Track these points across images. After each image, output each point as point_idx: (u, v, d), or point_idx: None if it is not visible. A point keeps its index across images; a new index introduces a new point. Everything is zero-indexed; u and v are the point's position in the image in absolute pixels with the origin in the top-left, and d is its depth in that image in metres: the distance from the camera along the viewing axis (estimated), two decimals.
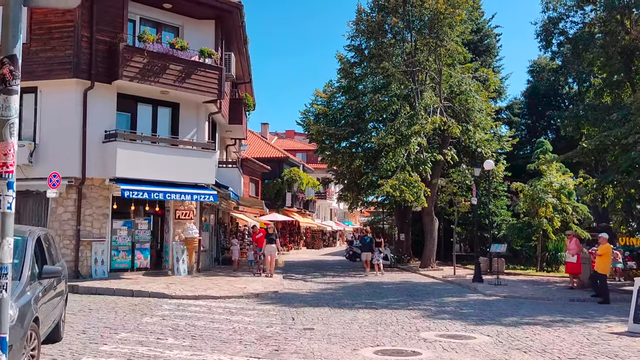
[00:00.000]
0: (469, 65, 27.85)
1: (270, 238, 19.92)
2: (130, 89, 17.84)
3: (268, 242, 19.82)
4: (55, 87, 17.08)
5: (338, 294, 16.62)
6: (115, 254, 17.65)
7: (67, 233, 16.93)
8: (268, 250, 19.82)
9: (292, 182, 46.67)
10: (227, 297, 14.74)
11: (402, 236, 30.59)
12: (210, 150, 19.04)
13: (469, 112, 26.46)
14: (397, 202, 25.92)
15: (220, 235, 25.65)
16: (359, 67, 27.44)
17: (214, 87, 18.91)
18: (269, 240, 19.84)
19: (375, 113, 24.72)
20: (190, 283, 16.80)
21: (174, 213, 18.97)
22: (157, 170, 17.51)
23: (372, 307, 13.73)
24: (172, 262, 18.79)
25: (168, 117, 19.42)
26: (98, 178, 17.28)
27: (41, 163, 16.86)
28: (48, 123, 17.09)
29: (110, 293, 14.81)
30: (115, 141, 16.79)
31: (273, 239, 19.92)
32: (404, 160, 24.10)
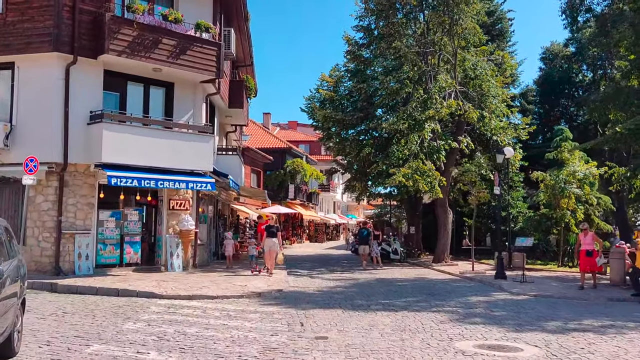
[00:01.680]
0: (484, 48, 25.97)
1: (271, 231, 17.64)
2: (118, 65, 16.10)
3: (268, 235, 17.56)
4: (34, 62, 15.33)
5: (349, 292, 14.91)
6: (101, 248, 15.96)
7: (47, 225, 15.23)
8: (268, 245, 17.55)
9: (295, 173, 44.93)
10: (225, 297, 13.03)
11: (412, 229, 28.88)
12: (208, 134, 17.28)
13: (484, 97, 24.65)
14: (409, 193, 24.15)
15: (220, 228, 23.92)
16: (367, 49, 25.61)
17: (211, 65, 17.16)
18: (270, 234, 17.58)
19: (386, 97, 22.89)
20: (184, 280, 15.10)
21: (168, 203, 17.25)
22: (148, 155, 15.80)
23: (390, 309, 12.02)
24: (165, 257, 17.09)
25: (161, 98, 17.68)
26: (82, 164, 15.56)
27: (18, 146, 15.16)
28: (26, 102, 15.37)
29: (92, 292, 13.10)
30: (102, 122, 15.06)
31: (274, 232, 17.64)
32: (417, 147, 22.33)
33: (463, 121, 24.15)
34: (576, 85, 38.31)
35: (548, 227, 24.21)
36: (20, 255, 8.16)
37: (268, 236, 17.57)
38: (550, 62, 38.07)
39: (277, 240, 17.73)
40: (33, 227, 15.31)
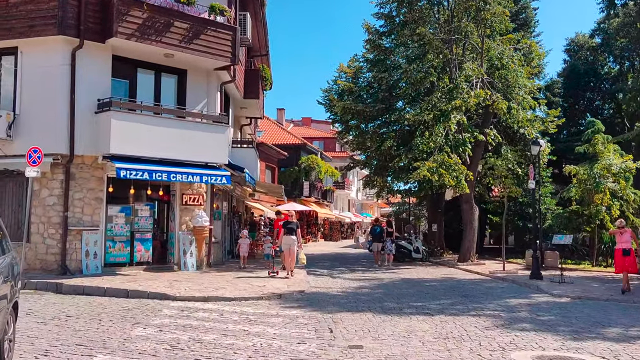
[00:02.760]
0: (510, 36, 24.69)
1: (290, 228, 15.84)
2: (127, 50, 15.09)
3: (287, 232, 15.79)
4: (38, 46, 14.36)
5: (376, 294, 13.79)
6: (110, 246, 14.95)
7: (52, 220, 14.25)
8: (286, 243, 15.80)
9: (309, 170, 43.81)
10: (243, 298, 11.96)
11: (433, 227, 27.66)
12: (223, 125, 16.22)
13: (510, 89, 23.39)
14: (433, 189, 22.95)
15: (235, 225, 22.89)
16: (388, 37, 24.42)
17: (226, 51, 16.10)
18: (288, 231, 15.78)
19: (409, 86, 21.69)
20: (198, 280, 14.06)
21: (181, 198, 16.21)
22: (160, 146, 14.76)
23: (425, 313, 10.90)
24: (178, 255, 16.07)
25: (173, 86, 16.64)
26: (89, 155, 14.57)
27: (22, 137, 14.19)
28: (30, 90, 14.41)
29: (100, 293, 12.09)
30: (110, 110, 14.04)
31: (293, 229, 15.86)
32: (442, 140, 21.16)
33: (490, 112, 22.93)
34: (602, 78, 36.86)
35: (579, 225, 22.92)
36: (13, 252, 7.15)
37: (286, 233, 15.86)
38: (574, 54, 36.67)
39: (297, 237, 15.99)
40: (38, 223, 14.35)
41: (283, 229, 16.05)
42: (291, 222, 16.11)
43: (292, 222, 16.12)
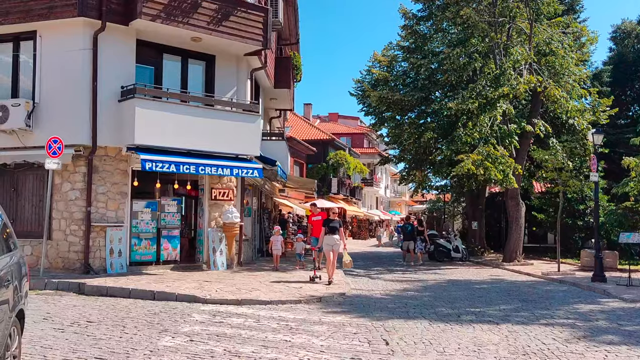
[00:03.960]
0: (559, 19, 23.04)
1: (332, 227, 13.58)
2: (152, 34, 14.04)
3: (329, 231, 13.57)
4: (57, 29, 13.39)
5: (425, 297, 12.50)
6: (136, 243, 13.92)
7: (75, 216, 13.26)
8: (328, 244, 13.53)
9: (338, 166, 42.56)
10: (280, 302, 10.80)
11: (474, 225, 26.18)
12: (254, 114, 15.08)
13: (558, 76, 21.81)
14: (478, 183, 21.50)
15: (264, 222, 21.78)
16: (426, 23, 23.01)
17: (257, 34, 14.95)
18: (330, 230, 13.55)
19: (451, 73, 20.27)
20: (229, 281, 12.94)
21: (210, 192, 15.12)
22: (187, 137, 13.69)
23: (487, 320, 9.59)
24: (207, 254, 14.99)
25: (201, 73, 15.55)
26: (113, 146, 13.55)
27: (42, 127, 13.24)
28: (50, 76, 13.45)
29: (124, 295, 11.04)
30: (134, 98, 12.99)
31: (336, 228, 13.60)
32: (488, 130, 19.75)
33: (539, 101, 21.42)
34: None
35: (635, 223, 21.24)
36: (20, 252, 6.08)
37: (328, 233, 13.57)
38: (621, 42, 34.66)
39: (340, 238, 13.73)
40: (60, 219, 13.39)
41: (324, 227, 13.83)
42: (333, 219, 13.89)
43: (334, 219, 13.91)
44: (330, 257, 13.50)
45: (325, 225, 13.80)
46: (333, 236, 13.57)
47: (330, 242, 13.57)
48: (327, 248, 13.62)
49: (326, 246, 13.64)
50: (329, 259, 13.53)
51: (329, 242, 13.59)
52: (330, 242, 13.57)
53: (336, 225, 13.72)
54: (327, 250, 13.62)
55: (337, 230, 13.65)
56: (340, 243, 13.61)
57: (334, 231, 13.60)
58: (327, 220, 13.98)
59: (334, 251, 13.58)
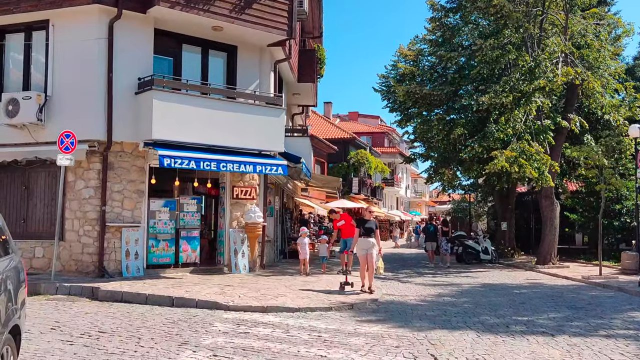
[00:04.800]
0: (594, 10, 21.89)
1: (367, 228, 12.06)
2: (171, 23, 13.27)
3: (364, 233, 12.06)
4: (71, 18, 12.68)
5: (464, 304, 11.53)
6: (153, 245, 13.14)
7: (89, 216, 12.52)
8: (363, 248, 12.03)
9: (359, 165, 41.57)
10: (308, 309, 9.92)
11: (503, 225, 25.08)
12: (278, 107, 14.24)
13: (593, 70, 20.67)
14: (511, 181, 20.42)
15: (287, 223, 20.93)
16: (455, 15, 21.99)
17: (282, 22, 14.11)
18: (365, 232, 12.04)
19: (483, 66, 19.24)
20: (253, 285, 12.09)
21: (232, 191, 14.29)
22: (207, 131, 12.90)
23: (540, 332, 8.61)
24: (228, 256, 14.17)
25: (222, 65, 14.75)
26: (129, 142, 12.80)
27: (54, 121, 12.53)
28: (63, 68, 12.74)
29: (141, 301, 10.25)
30: (152, 90, 12.22)
31: (371, 230, 12.08)
32: (522, 126, 18.72)
33: (575, 95, 20.32)
34: None
35: None
36: (17, 256, 5.27)
37: (363, 235, 12.07)
38: None
39: (376, 241, 12.18)
40: (73, 219, 12.65)
41: (357, 229, 12.34)
42: (369, 220, 12.33)
43: (369, 220, 12.36)
44: (365, 262, 11.99)
45: (360, 227, 12.27)
46: (368, 239, 12.07)
47: (365, 245, 12.06)
48: (361, 252, 12.08)
49: (360, 250, 12.11)
50: (363, 264, 12.05)
51: (364, 245, 12.07)
52: (365, 246, 12.05)
53: (372, 226, 12.20)
54: (361, 255, 12.07)
55: (373, 232, 12.15)
56: (376, 246, 12.14)
57: (369, 233, 12.10)
58: (361, 220, 12.53)
59: (370, 255, 11.94)
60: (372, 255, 11.96)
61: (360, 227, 12.24)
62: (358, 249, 12.17)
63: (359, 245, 12.14)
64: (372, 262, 11.93)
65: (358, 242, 12.18)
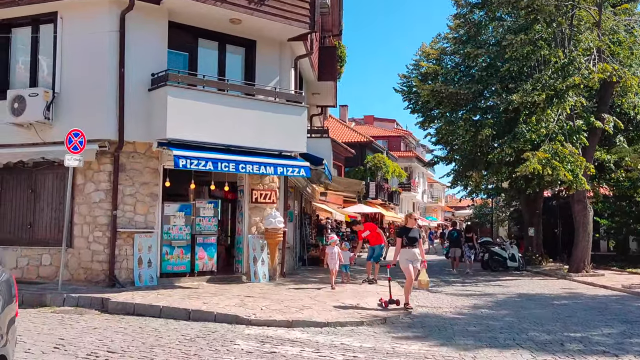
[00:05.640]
0: (626, 6, 20.82)
1: (412, 237, 10.76)
2: (186, 15, 12.46)
3: (407, 243, 10.71)
4: (80, 10, 11.91)
5: (505, 317, 10.55)
6: (167, 252, 12.30)
7: (99, 221, 11.69)
8: (407, 259, 10.68)
9: (376, 170, 40.60)
10: (338, 323, 8.99)
11: (530, 231, 23.99)
12: (300, 105, 13.37)
13: (625, 67, 19.57)
14: (544, 184, 19.37)
15: (306, 228, 20.03)
16: (481, 10, 21.01)
17: (304, 15, 13.28)
18: (409, 242, 10.71)
19: (514, 63, 18.25)
20: (275, 296, 11.18)
21: (250, 194, 13.43)
22: (225, 130, 12.06)
23: (599, 351, 7.63)
24: (247, 264, 13.29)
25: (240, 60, 13.93)
26: (142, 142, 11.98)
27: (63, 119, 11.75)
28: (72, 63, 11.97)
29: (154, 313, 9.39)
30: (166, 86, 11.39)
31: (416, 239, 10.83)
32: (555, 126, 17.70)
33: (609, 93, 19.25)
34: None
35: None
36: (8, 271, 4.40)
37: (406, 245, 10.71)
38: None
39: (420, 252, 10.93)
40: (82, 224, 11.84)
41: (400, 238, 10.91)
42: (412, 228, 10.93)
43: (412, 228, 10.95)
44: (408, 274, 10.69)
45: (402, 236, 10.88)
46: (413, 250, 10.74)
47: (410, 256, 10.70)
48: (405, 265, 10.73)
49: (404, 262, 10.75)
50: (410, 278, 10.67)
51: (409, 256, 10.70)
52: (410, 257, 10.70)
53: (416, 235, 10.90)
54: (405, 268, 10.74)
55: (417, 242, 10.88)
56: (420, 258, 10.84)
57: (413, 243, 10.78)
58: (404, 229, 11.07)
59: (415, 268, 10.72)
60: (417, 268, 10.75)
61: (403, 236, 10.84)
62: (402, 261, 10.80)
63: (403, 257, 10.77)
64: (416, 274, 10.73)
65: (401, 253, 10.78)
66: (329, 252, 12.97)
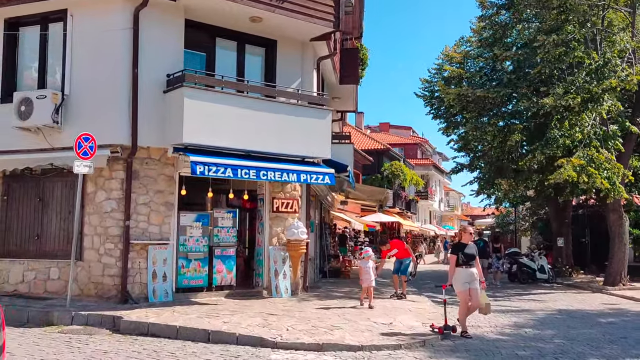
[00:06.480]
0: None
1: (469, 254, 9.33)
2: (203, 13, 11.70)
3: (464, 262, 9.28)
4: (91, 7, 11.20)
5: (554, 338, 9.60)
6: (183, 265, 11.46)
7: (110, 232, 10.89)
8: (464, 281, 9.30)
9: (393, 178, 39.67)
10: (374, 347, 8.09)
11: (559, 241, 22.91)
12: (324, 108, 12.54)
13: None
14: (577, 192, 18.36)
15: (327, 238, 19.15)
16: (507, 12, 20.13)
17: (328, 12, 12.47)
18: (466, 259, 9.29)
19: (546, 65, 17.33)
20: (300, 314, 10.30)
21: (271, 203, 12.59)
22: (245, 134, 11.25)
23: None
24: (267, 277, 12.43)
25: (259, 61, 13.14)
26: (156, 147, 11.19)
27: (72, 124, 11.01)
28: (82, 63, 11.23)
29: (170, 334, 8.55)
30: (183, 87, 10.62)
31: (473, 257, 9.36)
32: (591, 130, 16.75)
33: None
34: None
35: None
36: None
37: (463, 264, 9.30)
38: None
39: (477, 271, 9.44)
40: (92, 235, 11.05)
41: (455, 254, 9.46)
42: (467, 244, 9.48)
43: (468, 244, 9.49)
44: (466, 299, 9.34)
45: (457, 253, 9.40)
46: (470, 270, 9.30)
47: (467, 277, 9.27)
48: (461, 287, 9.31)
49: (460, 285, 9.31)
50: (465, 302, 9.36)
51: (465, 277, 9.27)
52: (467, 278, 9.27)
53: (473, 252, 9.41)
54: (460, 291, 9.34)
55: (474, 260, 9.41)
56: (478, 278, 9.43)
57: (470, 262, 9.32)
58: (458, 246, 9.60)
59: (472, 291, 9.31)
60: (475, 291, 9.34)
61: (458, 253, 9.40)
62: (457, 283, 9.38)
63: (459, 278, 9.33)
64: (476, 297, 9.33)
65: (456, 274, 9.36)
66: (363, 267, 11.77)
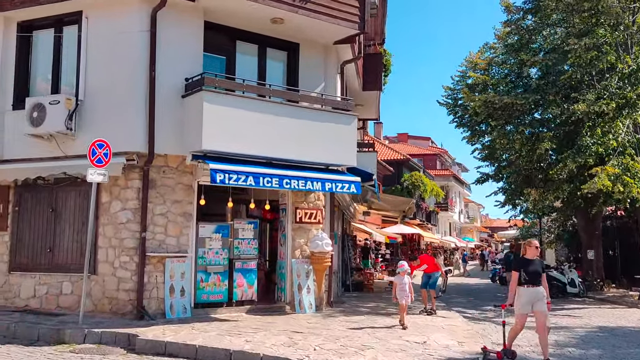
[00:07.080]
0: None
1: (533, 272, 8.11)
2: (223, 14, 11.21)
3: (528, 281, 8.07)
4: (107, 8, 10.75)
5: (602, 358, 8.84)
6: (202, 279, 10.88)
7: (125, 244, 10.34)
8: (527, 301, 8.08)
9: (413, 188, 38.86)
10: None
11: (589, 254, 21.99)
12: (349, 113, 11.95)
13: None
14: (611, 202, 17.55)
15: (349, 251, 18.49)
16: (533, 17, 19.49)
17: (353, 14, 11.92)
18: (530, 278, 8.07)
19: (577, 70, 16.62)
20: (326, 332, 9.63)
21: (294, 213, 11.98)
22: (266, 141, 10.69)
23: None
24: (290, 292, 11.79)
25: (281, 65, 12.61)
26: (174, 155, 10.66)
27: (87, 130, 10.53)
28: (98, 67, 10.77)
29: (189, 354, 7.94)
30: (202, 91, 10.10)
31: (539, 274, 8.13)
32: (625, 138, 15.99)
33: None
34: None
35: None
36: None
37: (526, 282, 8.09)
38: None
39: (544, 290, 8.21)
40: (107, 248, 10.52)
41: (517, 271, 8.21)
42: (532, 260, 8.26)
43: (533, 260, 8.27)
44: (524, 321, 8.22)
45: (520, 269, 8.19)
46: (536, 288, 8.08)
47: (531, 297, 8.05)
48: (522, 310, 8.12)
49: (522, 306, 8.10)
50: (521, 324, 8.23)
51: (530, 297, 8.05)
52: (531, 298, 8.05)
53: (538, 269, 8.17)
54: (522, 314, 8.14)
55: (540, 277, 8.17)
56: (545, 298, 8.15)
57: (535, 280, 8.09)
58: (522, 261, 8.37)
59: (539, 313, 8.05)
60: (542, 313, 8.05)
61: (520, 270, 8.18)
62: (519, 304, 8.14)
63: (522, 298, 8.09)
64: (542, 320, 8.06)
65: (519, 293, 8.14)
66: (399, 283, 10.85)
